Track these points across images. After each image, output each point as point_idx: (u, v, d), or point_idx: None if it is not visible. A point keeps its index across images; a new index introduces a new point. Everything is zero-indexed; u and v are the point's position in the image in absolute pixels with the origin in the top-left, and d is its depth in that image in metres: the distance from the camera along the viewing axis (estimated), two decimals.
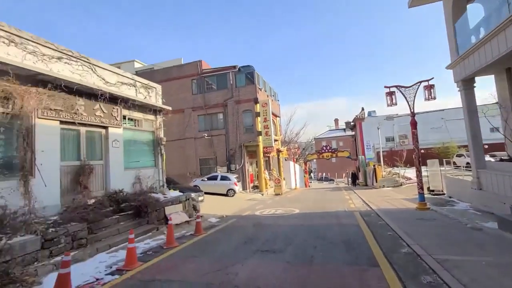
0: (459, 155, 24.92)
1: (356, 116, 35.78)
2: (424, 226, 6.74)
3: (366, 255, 4.88)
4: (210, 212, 11.31)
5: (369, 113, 37.88)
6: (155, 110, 10.48)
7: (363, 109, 36.33)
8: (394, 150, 33.81)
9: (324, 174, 59.19)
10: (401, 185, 19.26)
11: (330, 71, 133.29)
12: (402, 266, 4.21)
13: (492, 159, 21.98)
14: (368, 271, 4.12)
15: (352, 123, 40.19)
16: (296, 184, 29.62)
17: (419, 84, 9.32)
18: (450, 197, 11.68)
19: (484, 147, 31.91)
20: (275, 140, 24.37)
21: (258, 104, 20.63)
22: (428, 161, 13.91)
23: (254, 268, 4.54)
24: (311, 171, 59.57)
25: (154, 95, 10.70)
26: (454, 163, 26.12)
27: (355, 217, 8.73)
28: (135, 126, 9.72)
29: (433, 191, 13.39)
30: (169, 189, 10.76)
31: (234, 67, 21.23)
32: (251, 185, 21.43)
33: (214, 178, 17.76)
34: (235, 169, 20.28)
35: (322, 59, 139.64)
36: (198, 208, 10.74)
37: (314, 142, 58.22)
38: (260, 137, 20.46)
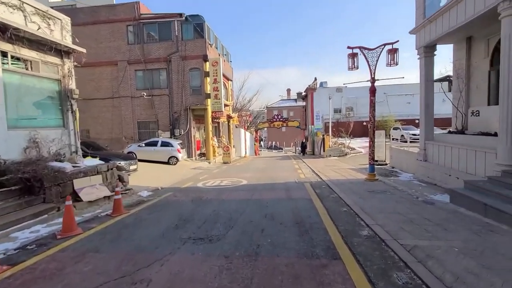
0: (395, 128, 26.79)
1: (309, 85, 35.68)
2: (378, 199, 6.27)
3: (323, 241, 3.99)
4: (143, 184, 9.56)
5: (321, 84, 38.20)
6: (61, 51, 7.74)
7: (315, 79, 36.35)
8: (340, 122, 35.19)
9: (273, 142, 60.25)
10: (346, 154, 19.88)
11: (285, 41, 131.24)
12: (367, 257, 3.38)
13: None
14: (329, 267, 3.19)
15: (304, 93, 40.31)
16: (246, 152, 28.92)
17: (383, 46, 8.52)
18: (393, 168, 12.02)
19: (415, 122, 34.36)
20: (226, 105, 22.61)
21: (207, 63, 18.26)
22: (377, 132, 14.08)
23: (179, 269, 3.24)
24: (262, 140, 60.02)
25: (58, 30, 7.85)
26: (390, 135, 28.38)
27: (306, 189, 8.04)
28: (27, 69, 7.00)
29: (377, 161, 13.73)
30: (87, 157, 8.55)
31: (180, 15, 18.03)
32: (198, 152, 19.78)
33: (153, 143, 15.56)
34: (180, 134, 18.22)
35: (278, 27, 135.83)
36: (126, 179, 8.87)
37: (266, 111, 57.82)
38: (209, 100, 18.46)
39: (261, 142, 56.74)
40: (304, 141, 24.05)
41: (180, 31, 18.14)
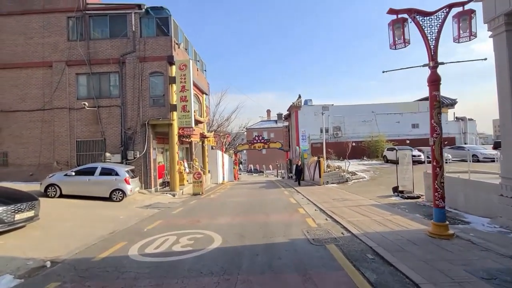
0: (390, 149, 23.75)
1: (293, 103, 32.74)
2: None
3: None
4: (26, 253, 5.03)
5: (305, 102, 35.46)
6: None
7: (300, 96, 33.64)
8: (328, 142, 32.18)
9: (252, 165, 56.20)
10: (346, 181, 16.21)
11: (258, 68, 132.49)
12: None
13: (421, 154, 21.02)
14: None
15: (287, 112, 37.38)
16: (224, 178, 24.53)
17: (447, 9, 5.10)
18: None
19: (406, 142, 31.54)
20: (199, 122, 18.50)
21: (173, 66, 14.35)
22: (399, 153, 10.62)
23: None
24: (241, 162, 55.81)
25: None
26: (385, 156, 25.28)
27: (342, 269, 3.96)
28: None
29: (402, 192, 10.12)
30: None
31: (139, 6, 14.24)
32: (160, 181, 15.18)
33: (89, 171, 10.85)
34: (135, 157, 13.65)
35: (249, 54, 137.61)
36: None
37: (245, 132, 54.31)
38: (175, 113, 14.29)
39: (241, 165, 52.58)
40: (299, 164, 20.02)
41: (138, 26, 14.24)
